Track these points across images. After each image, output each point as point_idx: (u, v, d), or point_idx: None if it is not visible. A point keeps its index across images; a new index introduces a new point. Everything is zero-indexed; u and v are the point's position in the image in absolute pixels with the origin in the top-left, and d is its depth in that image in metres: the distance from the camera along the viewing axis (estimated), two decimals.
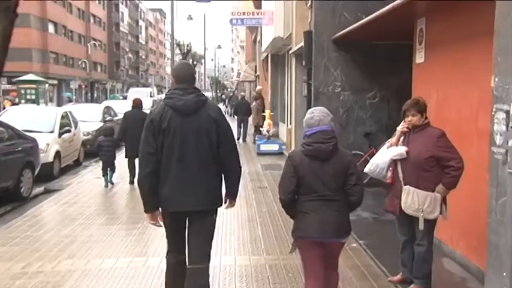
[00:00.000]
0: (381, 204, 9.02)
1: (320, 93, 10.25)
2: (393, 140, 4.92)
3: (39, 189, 10.58)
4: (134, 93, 40.94)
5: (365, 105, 10.30)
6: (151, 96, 42.27)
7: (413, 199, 4.60)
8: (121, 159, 11.44)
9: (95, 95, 69.48)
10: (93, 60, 69.72)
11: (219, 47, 43.50)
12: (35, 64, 53.11)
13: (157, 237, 6.61)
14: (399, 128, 4.87)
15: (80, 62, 64.24)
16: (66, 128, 13.08)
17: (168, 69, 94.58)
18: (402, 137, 4.86)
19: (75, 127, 14.11)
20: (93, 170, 12.92)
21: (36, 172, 10.52)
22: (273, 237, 6.98)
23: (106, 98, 62.62)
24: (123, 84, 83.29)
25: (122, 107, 20.68)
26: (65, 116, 13.56)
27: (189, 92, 4.06)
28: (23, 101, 35.15)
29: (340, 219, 3.84)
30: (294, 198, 3.90)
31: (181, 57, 20.73)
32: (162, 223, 4.16)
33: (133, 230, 7.31)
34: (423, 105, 4.77)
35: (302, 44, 11.27)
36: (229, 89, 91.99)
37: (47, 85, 53.20)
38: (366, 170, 5.10)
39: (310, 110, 4.04)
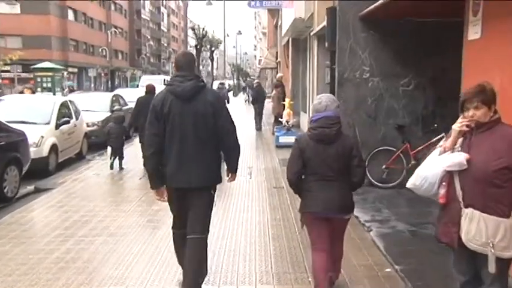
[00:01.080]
0: (417, 211, 7.75)
1: (345, 79, 8.87)
2: (448, 142, 3.47)
3: (29, 188, 9.48)
4: (146, 81, 38.27)
5: (397, 93, 8.88)
6: (165, 84, 39.14)
7: (479, 228, 3.21)
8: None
9: (116, 82, 68.79)
10: (113, 48, 68.93)
11: (240, 32, 42.01)
12: (54, 52, 52.44)
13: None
14: (456, 126, 3.40)
15: (100, 50, 63.50)
16: (65, 118, 11.92)
17: None
18: (461, 139, 3.42)
19: (77, 117, 12.97)
20: (95, 165, 11.78)
21: (25, 169, 9.40)
22: (287, 259, 5.66)
23: (127, 86, 61.91)
24: (144, 72, 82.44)
25: (133, 95, 19.61)
26: (64, 106, 12.41)
27: (188, 79, 4.40)
28: (39, 89, 34.39)
29: (342, 197, 4.16)
30: (300, 178, 4.24)
31: (196, 43, 19.46)
32: (166, 198, 4.56)
33: (127, 254, 6.10)
34: (491, 94, 3.33)
35: (325, 23, 9.87)
36: (252, 77, 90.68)
37: (65, 73, 52.90)
38: (409, 184, 3.64)
39: (318, 97, 4.33)
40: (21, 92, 31.07)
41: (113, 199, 8.52)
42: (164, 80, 40.04)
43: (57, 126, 11.49)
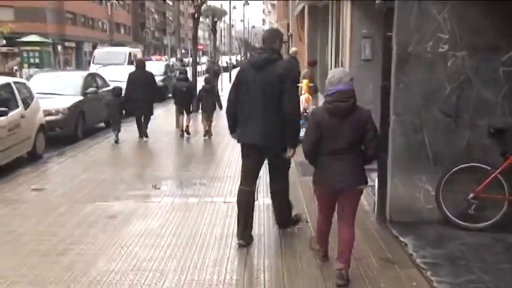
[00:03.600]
0: None
1: (409, 54, 5.54)
2: None
3: None
4: (101, 55, 26.77)
5: (494, 77, 5.53)
6: (130, 62, 23.60)
7: None
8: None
9: None
10: (115, 21, 65.51)
11: (247, 3, 38.27)
12: (49, 25, 49.11)
13: None
14: None
15: (100, 23, 59.96)
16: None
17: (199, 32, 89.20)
18: None
19: (27, 105, 9.72)
20: (40, 175, 8.58)
21: None
22: None
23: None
24: (146, 47, 78.95)
25: (117, 74, 16.35)
26: (1, 90, 9.15)
27: (265, 52, 5.11)
28: (25, 66, 31.17)
29: (355, 170, 4.27)
30: (315, 150, 4.32)
31: (193, 11, 16.40)
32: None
33: None
34: None
35: None
36: None
37: (59, 47, 49.57)
38: None
39: (331, 71, 4.49)
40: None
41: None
42: (130, 53, 26.84)
43: None
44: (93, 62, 26.46)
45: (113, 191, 7.48)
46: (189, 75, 15.50)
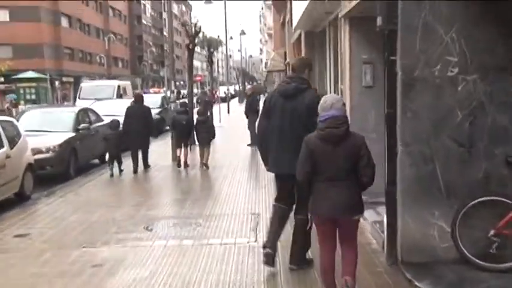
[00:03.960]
0: None
1: (415, 79, 5.10)
2: None
3: None
4: (88, 89, 25.43)
5: (508, 100, 5.09)
6: (119, 96, 24.40)
7: None
8: None
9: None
10: (113, 55, 65.68)
11: (243, 32, 37.95)
12: (47, 60, 48.99)
13: None
14: None
15: (97, 57, 60.04)
16: None
17: (195, 63, 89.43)
18: None
19: (13, 144, 9.28)
20: (26, 218, 8.07)
21: None
22: None
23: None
24: (144, 80, 79.10)
25: (112, 108, 16.01)
26: None
27: (293, 80, 5.18)
28: (22, 102, 30.94)
29: (351, 198, 4.16)
30: (310, 179, 4.25)
31: (187, 42, 16.12)
32: None
33: None
34: None
35: None
36: (259, 81, 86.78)
37: (57, 82, 49.47)
38: None
39: (323, 97, 4.38)
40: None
41: None
42: (119, 86, 25.83)
43: None
44: (79, 97, 24.99)
45: (103, 234, 6.96)
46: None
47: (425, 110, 5.12)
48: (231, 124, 24.69)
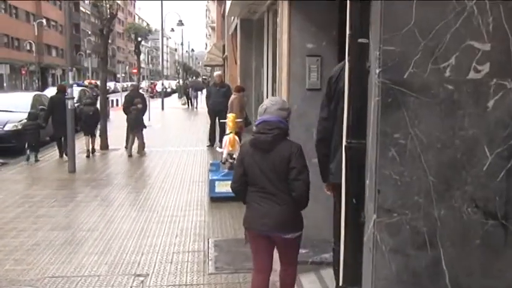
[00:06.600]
0: None
1: (407, 85, 2.54)
2: None
3: None
4: None
5: None
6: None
7: None
8: None
9: (50, 81, 60.51)
10: (45, 42, 61.00)
11: (181, 23, 34.66)
12: None
13: None
14: None
15: (25, 44, 55.33)
16: None
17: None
18: None
19: None
20: None
21: None
22: None
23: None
24: (81, 71, 74.67)
25: None
26: None
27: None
28: None
29: (281, 214, 3.66)
30: (243, 187, 3.80)
31: (100, 27, 13.22)
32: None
33: None
34: None
35: None
36: (203, 77, 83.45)
37: None
38: None
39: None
40: None
41: None
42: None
43: None
44: None
45: None
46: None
47: (429, 144, 2.57)
48: (165, 123, 22.30)
